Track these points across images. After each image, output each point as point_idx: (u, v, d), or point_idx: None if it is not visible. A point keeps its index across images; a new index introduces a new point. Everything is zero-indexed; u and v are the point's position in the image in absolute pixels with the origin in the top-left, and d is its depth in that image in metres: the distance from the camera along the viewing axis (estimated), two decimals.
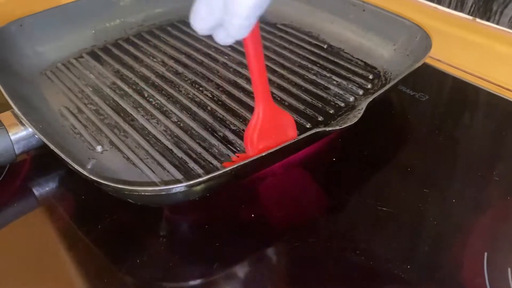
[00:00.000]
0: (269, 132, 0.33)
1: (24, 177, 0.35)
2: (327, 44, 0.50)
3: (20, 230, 0.32)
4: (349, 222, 0.32)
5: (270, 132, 0.33)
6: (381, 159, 0.37)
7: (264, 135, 0.33)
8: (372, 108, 0.35)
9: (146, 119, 0.39)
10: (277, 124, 0.34)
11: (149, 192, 0.29)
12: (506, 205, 0.33)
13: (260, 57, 0.31)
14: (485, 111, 0.43)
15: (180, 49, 0.49)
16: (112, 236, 0.31)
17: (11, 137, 0.33)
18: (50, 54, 0.47)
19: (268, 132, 0.33)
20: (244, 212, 0.32)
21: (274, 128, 0.33)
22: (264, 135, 0.33)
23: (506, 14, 0.48)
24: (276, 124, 0.34)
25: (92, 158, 0.35)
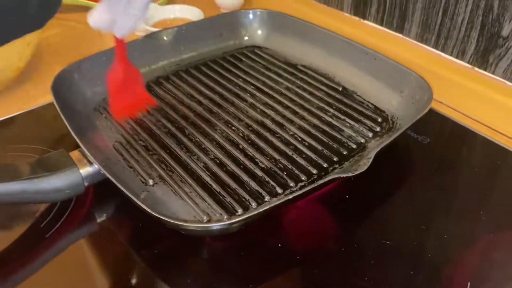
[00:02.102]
0: (124, 79, 0.46)
1: (89, 205, 0.42)
2: (341, 87, 0.57)
3: (83, 250, 0.39)
4: (358, 252, 0.39)
5: (124, 79, 0.46)
6: (386, 197, 0.44)
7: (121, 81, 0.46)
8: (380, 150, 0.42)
9: (188, 156, 0.46)
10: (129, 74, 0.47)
11: (193, 227, 0.36)
12: (489, 241, 0.40)
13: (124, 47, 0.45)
14: (479, 155, 0.50)
15: (213, 88, 0.56)
16: (164, 260, 0.38)
17: (82, 174, 0.40)
18: (102, 91, 0.54)
19: (123, 79, 0.46)
20: (272, 240, 0.39)
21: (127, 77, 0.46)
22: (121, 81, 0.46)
23: (501, 66, 0.54)
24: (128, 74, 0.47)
25: (145, 191, 0.42)
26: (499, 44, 0.54)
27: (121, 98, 0.47)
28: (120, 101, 0.47)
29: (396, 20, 0.64)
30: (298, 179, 0.44)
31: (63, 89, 0.50)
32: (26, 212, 0.41)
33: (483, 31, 0.55)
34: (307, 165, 0.45)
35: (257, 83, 0.58)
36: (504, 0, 0.51)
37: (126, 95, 0.47)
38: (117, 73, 0.46)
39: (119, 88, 0.47)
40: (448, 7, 0.57)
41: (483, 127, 0.52)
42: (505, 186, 0.46)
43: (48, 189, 0.39)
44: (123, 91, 0.47)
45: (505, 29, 0.52)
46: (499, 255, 0.39)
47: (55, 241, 0.39)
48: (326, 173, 0.44)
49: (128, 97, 0.47)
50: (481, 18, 0.54)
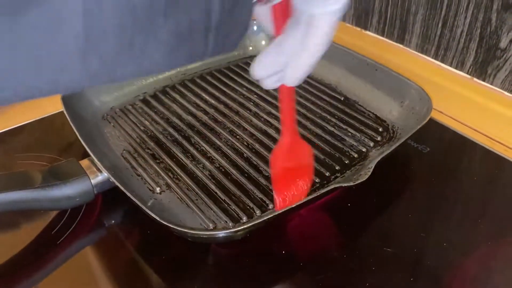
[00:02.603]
0: (290, 156, 0.41)
1: (98, 212, 0.44)
2: (344, 96, 0.58)
3: (92, 256, 0.41)
4: (360, 259, 0.40)
5: (291, 156, 0.41)
6: (386, 205, 0.45)
7: (286, 158, 0.41)
8: (380, 160, 0.43)
9: (194, 164, 0.48)
10: (298, 151, 0.42)
11: (199, 234, 0.38)
12: (488, 249, 0.41)
13: (292, 99, 0.39)
14: (478, 164, 0.51)
15: (218, 98, 0.58)
16: (171, 266, 0.39)
17: (92, 182, 0.42)
18: (110, 101, 0.56)
19: (289, 155, 0.41)
20: (276, 247, 0.41)
21: (294, 154, 0.42)
22: (286, 158, 0.41)
23: (499, 77, 0.56)
24: (296, 151, 0.42)
25: (153, 198, 0.44)
26: (497, 56, 0.55)
27: (286, 176, 0.42)
28: (284, 179, 0.41)
29: (396, 31, 0.66)
30: None
31: (72, 99, 0.51)
32: (38, 219, 0.43)
33: (482, 43, 0.56)
34: None
35: (261, 92, 0.59)
36: (502, 13, 0.53)
37: (291, 171, 0.42)
38: (283, 151, 0.40)
39: (285, 166, 0.41)
40: (447, 19, 0.58)
41: (482, 136, 0.53)
42: (502, 194, 0.47)
43: (59, 197, 0.40)
44: (289, 169, 0.42)
45: (503, 41, 0.54)
46: (497, 263, 0.40)
47: (66, 247, 0.40)
48: (328, 182, 0.46)
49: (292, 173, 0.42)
50: (480, 30, 0.56)
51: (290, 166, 0.41)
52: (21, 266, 0.39)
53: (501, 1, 0.52)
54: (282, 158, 0.41)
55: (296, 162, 0.42)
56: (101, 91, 0.55)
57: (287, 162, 0.41)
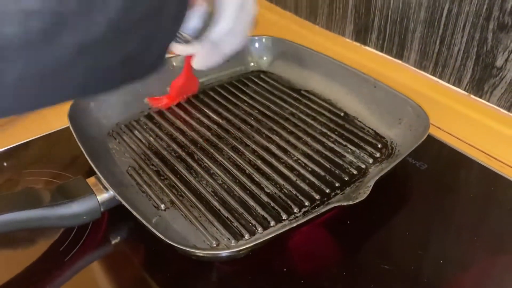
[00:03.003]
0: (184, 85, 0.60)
1: (105, 229, 0.45)
2: (343, 112, 0.59)
3: (99, 273, 0.42)
4: (359, 276, 0.41)
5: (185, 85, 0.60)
6: (385, 222, 0.46)
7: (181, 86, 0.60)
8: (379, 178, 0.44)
9: (197, 181, 0.49)
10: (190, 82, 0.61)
11: (203, 254, 0.39)
12: (484, 265, 0.42)
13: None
14: (475, 181, 0.52)
15: (221, 114, 0.59)
16: (176, 283, 0.40)
17: (98, 200, 0.43)
18: (115, 117, 0.57)
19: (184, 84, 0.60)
20: (277, 264, 0.42)
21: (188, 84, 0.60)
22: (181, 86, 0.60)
23: (495, 94, 0.57)
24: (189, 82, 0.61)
25: (157, 215, 0.45)
26: (493, 74, 0.56)
27: (176, 97, 0.61)
28: (175, 98, 0.61)
29: (395, 47, 0.67)
30: (302, 204, 0.46)
31: (79, 116, 0.52)
32: (45, 236, 0.44)
33: (478, 61, 0.57)
34: (310, 190, 0.48)
35: (262, 108, 0.60)
36: (497, 33, 0.54)
37: (180, 94, 0.61)
38: (180, 81, 0.60)
39: (178, 91, 0.60)
40: (445, 37, 0.60)
41: (479, 152, 0.55)
42: (499, 211, 0.48)
43: (67, 215, 0.41)
44: (180, 93, 0.61)
45: (499, 60, 0.55)
46: (494, 280, 0.42)
47: (73, 264, 0.42)
48: (328, 199, 0.47)
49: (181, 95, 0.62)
50: (476, 49, 0.57)
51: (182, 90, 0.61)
52: (29, 283, 0.40)
53: (496, 21, 0.54)
54: (177, 86, 0.60)
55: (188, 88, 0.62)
56: (106, 107, 0.56)
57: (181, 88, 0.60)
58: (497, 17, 0.53)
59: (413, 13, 0.62)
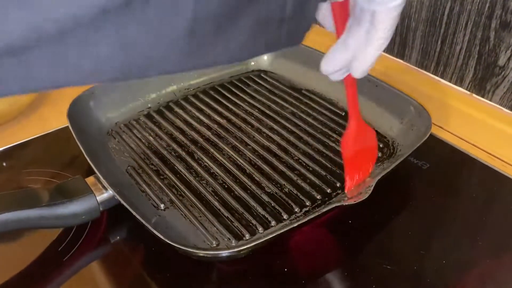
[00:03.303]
0: (358, 139, 0.45)
1: (104, 229, 0.44)
2: (345, 112, 0.59)
3: (98, 273, 0.41)
4: (360, 276, 0.41)
5: (358, 139, 0.46)
6: (386, 222, 0.46)
7: (354, 142, 0.45)
8: (381, 177, 0.44)
9: (198, 180, 0.48)
10: (363, 134, 0.46)
11: (203, 254, 0.38)
12: (486, 266, 0.42)
13: (356, 89, 0.43)
14: (477, 181, 0.52)
15: (221, 113, 0.59)
16: (176, 283, 0.40)
17: (97, 200, 0.42)
18: (115, 116, 0.56)
19: (357, 139, 0.45)
20: (278, 264, 0.41)
21: (361, 137, 0.46)
22: (354, 142, 0.45)
23: (497, 93, 0.57)
24: (362, 135, 0.46)
25: (157, 215, 0.45)
26: (495, 73, 0.56)
27: (355, 158, 0.46)
28: (354, 161, 0.45)
29: (397, 46, 0.67)
30: (303, 204, 0.46)
31: (78, 115, 0.52)
32: (44, 236, 0.44)
33: (480, 60, 0.57)
34: (311, 190, 0.47)
35: (263, 108, 0.60)
36: (500, 32, 0.54)
37: (360, 159, 0.46)
38: (352, 135, 0.44)
39: (354, 154, 0.45)
40: (446, 36, 0.59)
41: (481, 152, 0.54)
42: (501, 210, 0.47)
43: (66, 215, 0.41)
44: (358, 157, 0.46)
45: (501, 59, 0.55)
46: (497, 280, 0.41)
47: (72, 264, 0.41)
48: (329, 199, 0.46)
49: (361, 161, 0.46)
50: (478, 48, 0.57)
51: (358, 149, 0.46)
52: (27, 283, 0.40)
53: (499, 20, 0.53)
54: (351, 142, 0.45)
55: (363, 145, 0.46)
56: (106, 107, 0.56)
57: (356, 145, 0.46)
58: (499, 15, 0.53)
59: (415, 12, 0.62)
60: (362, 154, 0.46)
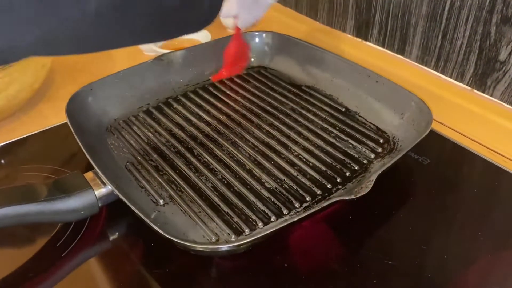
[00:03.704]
0: (236, 52, 0.62)
1: (103, 225, 0.44)
2: (344, 108, 0.58)
3: (96, 269, 0.41)
4: (361, 272, 0.40)
5: (237, 52, 0.62)
6: (387, 217, 0.45)
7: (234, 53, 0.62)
8: (381, 172, 0.43)
9: (197, 176, 0.48)
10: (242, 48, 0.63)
11: (202, 248, 0.38)
12: (488, 262, 0.41)
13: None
14: (478, 176, 0.51)
15: (221, 109, 0.58)
16: (175, 279, 0.40)
17: (96, 195, 0.42)
18: (114, 112, 0.56)
19: (236, 51, 0.62)
20: (278, 260, 0.41)
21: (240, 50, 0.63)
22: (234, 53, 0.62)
23: (498, 89, 0.56)
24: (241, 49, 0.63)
25: (156, 211, 0.44)
26: (496, 68, 0.56)
27: (232, 64, 0.63)
28: (231, 66, 0.63)
29: (397, 42, 0.66)
30: (303, 199, 0.45)
31: (77, 111, 0.52)
32: (42, 231, 0.43)
33: (481, 55, 0.57)
34: (311, 185, 0.47)
35: (263, 104, 0.60)
36: (501, 27, 0.53)
37: (235, 62, 0.64)
38: (232, 47, 0.61)
39: (232, 58, 0.62)
40: (447, 32, 0.59)
41: (482, 148, 0.54)
42: (502, 206, 0.47)
43: (64, 210, 0.40)
44: (235, 60, 0.63)
45: (502, 54, 0.54)
46: (498, 275, 0.41)
47: (71, 260, 0.41)
48: (329, 194, 0.46)
49: (236, 63, 0.64)
50: (479, 43, 0.56)
51: (235, 57, 0.63)
52: (26, 279, 0.40)
53: (500, 14, 0.53)
54: (230, 53, 0.62)
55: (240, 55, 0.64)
56: (105, 103, 0.56)
57: (234, 54, 0.62)
58: (500, 10, 0.53)
59: (415, 8, 0.61)
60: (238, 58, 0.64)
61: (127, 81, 0.58)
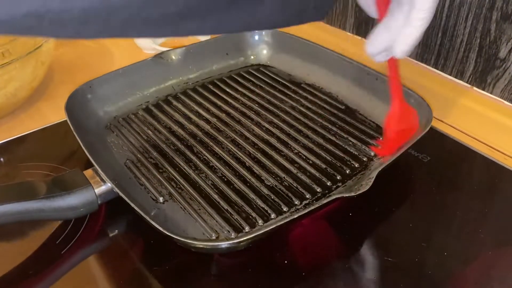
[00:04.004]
0: (401, 120, 0.47)
1: (102, 222, 0.44)
2: (344, 105, 0.58)
3: (96, 266, 0.41)
4: (361, 269, 0.40)
5: (402, 120, 0.47)
6: (387, 215, 0.45)
7: (398, 122, 0.47)
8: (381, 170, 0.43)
9: (197, 173, 0.48)
10: (407, 115, 0.47)
11: (202, 245, 0.38)
12: (488, 259, 0.41)
13: (398, 69, 0.45)
14: (478, 173, 0.51)
15: (220, 107, 0.58)
16: (174, 276, 0.40)
17: (96, 192, 0.42)
18: (113, 110, 0.56)
19: (400, 120, 0.47)
20: (278, 257, 0.41)
21: (404, 117, 0.47)
22: (398, 122, 0.47)
23: (498, 86, 0.56)
24: (406, 115, 0.47)
25: (156, 208, 0.44)
26: (496, 66, 0.56)
27: (397, 139, 0.47)
28: (395, 141, 0.47)
29: None
30: (303, 197, 0.45)
31: (76, 108, 0.52)
32: (41, 229, 0.43)
33: (481, 53, 0.57)
34: (311, 183, 0.47)
35: (263, 101, 0.60)
36: (501, 24, 0.53)
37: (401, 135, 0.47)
38: (393, 109, 0.46)
39: (397, 130, 0.47)
40: (447, 29, 0.59)
41: (482, 145, 0.54)
42: (503, 203, 0.47)
43: (63, 207, 0.40)
44: (400, 133, 0.47)
45: (502, 51, 0.54)
46: (498, 272, 0.41)
47: (70, 257, 0.41)
48: (329, 191, 0.46)
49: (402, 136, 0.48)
50: (479, 40, 0.56)
51: (400, 129, 0.47)
52: (25, 276, 0.40)
53: (500, 11, 0.53)
54: (394, 122, 0.47)
55: (406, 124, 0.47)
56: (104, 101, 0.56)
57: (399, 125, 0.47)
58: (500, 7, 0.53)
59: None
60: (405, 134, 0.47)
61: (127, 79, 0.58)
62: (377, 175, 0.42)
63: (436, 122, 0.57)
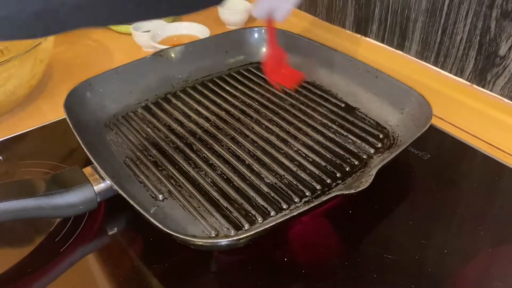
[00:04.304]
0: (279, 63, 0.55)
1: (101, 220, 0.44)
2: (344, 103, 0.58)
3: (95, 264, 0.41)
4: (361, 266, 0.40)
5: (279, 63, 0.55)
6: (387, 212, 0.45)
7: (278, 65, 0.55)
8: (381, 167, 0.43)
9: (196, 171, 0.48)
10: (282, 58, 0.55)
11: (202, 243, 0.38)
12: (488, 256, 0.41)
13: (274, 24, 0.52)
14: (478, 171, 0.51)
15: (220, 105, 0.58)
16: (174, 274, 0.40)
17: (95, 190, 0.42)
18: (112, 108, 0.56)
19: (278, 62, 0.55)
20: (278, 254, 0.41)
21: (281, 60, 0.55)
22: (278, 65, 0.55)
23: (498, 84, 0.56)
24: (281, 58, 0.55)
25: (155, 205, 0.44)
26: (496, 63, 0.56)
27: (275, 74, 0.56)
28: (275, 75, 0.56)
29: (396, 38, 0.66)
30: (303, 194, 0.45)
31: (75, 106, 0.51)
32: (41, 227, 0.43)
33: (481, 50, 0.57)
34: (311, 181, 0.47)
35: (262, 99, 0.59)
36: (501, 21, 0.53)
37: (277, 71, 0.56)
38: (270, 56, 0.55)
39: (273, 67, 0.56)
40: (447, 27, 0.59)
41: (481, 142, 0.54)
42: (502, 200, 0.47)
43: (63, 205, 0.40)
44: (276, 69, 0.56)
45: (502, 49, 0.54)
46: (498, 270, 0.41)
47: (69, 255, 0.41)
48: (329, 189, 0.46)
49: (279, 73, 0.56)
50: (479, 38, 0.56)
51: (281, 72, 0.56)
52: (24, 274, 0.39)
53: (500, 9, 0.53)
54: (271, 64, 0.55)
55: (286, 69, 0.56)
56: (103, 99, 0.56)
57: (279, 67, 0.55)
58: (500, 4, 0.53)
59: (414, 3, 0.61)
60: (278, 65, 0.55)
61: (126, 77, 0.58)
62: (377, 173, 0.42)
63: (436, 120, 0.57)
